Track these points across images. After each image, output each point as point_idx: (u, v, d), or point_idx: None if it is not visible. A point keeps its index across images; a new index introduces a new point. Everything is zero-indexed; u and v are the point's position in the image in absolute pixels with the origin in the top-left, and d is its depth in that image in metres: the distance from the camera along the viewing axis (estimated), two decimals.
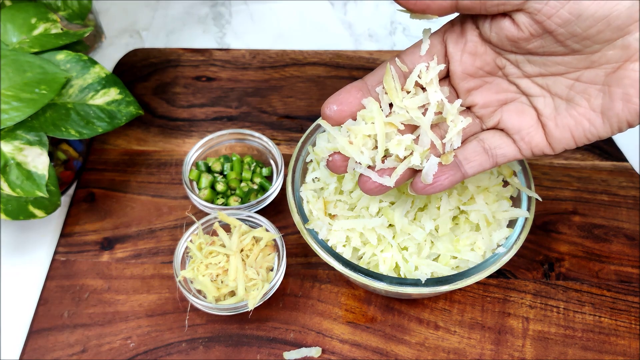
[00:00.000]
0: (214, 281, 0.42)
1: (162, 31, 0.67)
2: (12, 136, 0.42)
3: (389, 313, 0.44)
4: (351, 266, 0.38)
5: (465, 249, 0.39)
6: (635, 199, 0.49)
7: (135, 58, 0.62)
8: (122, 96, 0.48)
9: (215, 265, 0.42)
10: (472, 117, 0.31)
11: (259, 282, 0.41)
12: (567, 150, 0.29)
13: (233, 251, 0.42)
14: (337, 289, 0.45)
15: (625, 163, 0.51)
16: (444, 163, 0.30)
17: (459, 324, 0.43)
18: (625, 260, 0.46)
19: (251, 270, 0.42)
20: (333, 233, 0.40)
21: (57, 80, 0.44)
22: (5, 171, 0.41)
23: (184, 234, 0.44)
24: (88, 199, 0.51)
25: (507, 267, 0.45)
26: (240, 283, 0.41)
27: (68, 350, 0.43)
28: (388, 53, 0.60)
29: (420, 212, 0.40)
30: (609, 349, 0.42)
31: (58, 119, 0.44)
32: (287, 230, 0.48)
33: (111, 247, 0.48)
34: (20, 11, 0.46)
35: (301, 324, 0.44)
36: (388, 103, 0.31)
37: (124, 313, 0.45)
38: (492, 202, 0.39)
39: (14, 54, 0.43)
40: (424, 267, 0.39)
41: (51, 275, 0.47)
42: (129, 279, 0.46)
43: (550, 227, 0.48)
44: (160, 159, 0.54)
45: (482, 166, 0.31)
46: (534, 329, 0.43)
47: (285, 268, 0.43)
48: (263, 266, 0.43)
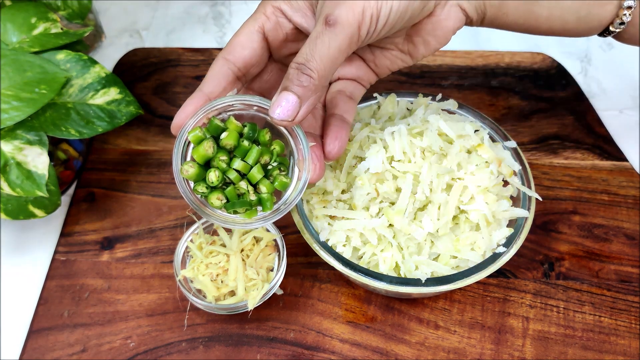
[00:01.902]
0: (214, 281, 0.42)
1: (162, 31, 0.67)
2: (12, 136, 0.42)
3: (389, 313, 0.44)
4: (351, 266, 0.38)
5: (465, 248, 0.39)
6: (635, 199, 0.49)
7: (135, 58, 0.62)
8: (122, 96, 0.48)
9: (215, 265, 0.42)
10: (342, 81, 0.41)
11: (259, 282, 0.41)
12: (392, 73, 0.41)
13: (233, 251, 0.42)
14: (337, 289, 0.45)
15: (625, 163, 0.51)
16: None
17: (459, 323, 0.43)
18: (625, 259, 0.46)
19: (251, 270, 0.42)
20: (333, 233, 0.40)
21: (57, 80, 0.44)
22: (5, 171, 0.41)
23: (185, 234, 0.44)
24: (88, 198, 0.51)
25: (507, 266, 0.45)
26: (240, 283, 0.41)
27: (68, 349, 0.43)
28: None
29: (420, 212, 0.40)
30: (609, 348, 0.42)
31: (58, 118, 0.44)
32: (287, 230, 0.48)
33: (111, 246, 0.48)
34: (20, 11, 0.46)
35: (301, 323, 0.44)
36: None
37: (124, 313, 0.45)
38: (492, 202, 0.39)
39: (14, 53, 0.43)
40: (424, 266, 0.39)
41: (51, 275, 0.47)
42: (129, 279, 0.46)
43: (550, 226, 0.48)
44: (161, 159, 0.54)
45: (352, 107, 0.40)
46: (534, 329, 0.43)
47: (285, 268, 0.43)
48: (263, 266, 0.43)
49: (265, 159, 0.35)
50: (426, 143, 0.40)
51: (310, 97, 0.32)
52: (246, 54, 0.36)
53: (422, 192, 0.39)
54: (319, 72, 0.32)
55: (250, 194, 0.35)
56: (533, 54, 0.60)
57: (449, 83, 0.58)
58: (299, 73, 0.32)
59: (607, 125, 0.54)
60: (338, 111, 0.38)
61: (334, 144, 0.37)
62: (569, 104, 0.56)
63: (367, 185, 0.39)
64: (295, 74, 0.32)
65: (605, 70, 0.60)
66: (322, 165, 0.36)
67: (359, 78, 0.40)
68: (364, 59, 0.40)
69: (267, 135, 0.35)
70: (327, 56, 0.32)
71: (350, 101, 0.39)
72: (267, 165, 0.35)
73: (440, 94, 0.46)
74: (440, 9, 0.37)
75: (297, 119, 0.32)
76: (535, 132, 0.54)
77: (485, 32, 0.64)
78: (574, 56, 0.62)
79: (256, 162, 0.34)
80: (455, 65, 0.59)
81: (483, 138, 0.42)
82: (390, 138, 0.40)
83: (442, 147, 0.40)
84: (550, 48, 0.62)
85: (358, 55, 0.40)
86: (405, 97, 0.46)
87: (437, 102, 0.45)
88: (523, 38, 0.63)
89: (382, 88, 0.47)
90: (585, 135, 0.54)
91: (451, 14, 0.37)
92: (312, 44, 0.32)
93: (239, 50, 0.36)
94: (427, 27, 0.37)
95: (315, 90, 0.32)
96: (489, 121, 0.45)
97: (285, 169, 0.36)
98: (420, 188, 0.39)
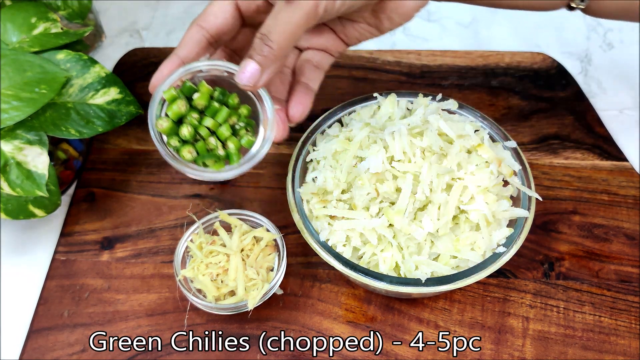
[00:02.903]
0: (214, 281, 0.42)
1: (162, 30, 0.67)
2: (12, 135, 0.42)
3: (389, 312, 0.44)
4: (351, 266, 0.38)
5: (465, 248, 0.39)
6: (635, 199, 0.49)
7: (135, 57, 0.62)
8: (122, 95, 0.48)
9: (215, 264, 0.42)
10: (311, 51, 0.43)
11: (259, 282, 0.41)
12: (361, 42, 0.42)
13: (233, 251, 0.42)
14: (337, 289, 0.45)
15: (625, 163, 0.51)
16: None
17: (459, 323, 0.43)
18: (625, 259, 0.46)
19: (251, 270, 0.42)
20: (333, 233, 0.40)
21: (57, 80, 0.44)
22: (5, 171, 0.41)
23: (185, 234, 0.44)
24: (88, 198, 0.51)
25: (507, 266, 0.45)
26: (240, 283, 0.41)
27: (68, 349, 0.43)
28: (388, 52, 0.60)
29: (420, 212, 0.40)
30: (609, 348, 0.42)
31: (58, 118, 0.44)
32: (287, 230, 0.48)
33: (111, 246, 0.48)
34: (20, 10, 0.46)
35: (301, 323, 0.44)
36: None
37: (124, 312, 0.45)
38: (492, 202, 0.39)
39: (14, 53, 0.43)
40: (424, 266, 0.39)
41: (51, 275, 0.47)
42: (129, 279, 0.46)
43: (550, 226, 0.48)
44: (161, 159, 0.53)
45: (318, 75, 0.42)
46: (534, 329, 0.43)
47: (285, 268, 0.43)
48: (263, 266, 0.43)
49: (234, 119, 0.38)
50: (426, 143, 0.40)
51: (270, 66, 0.35)
52: (218, 23, 0.38)
53: (422, 192, 0.39)
54: (278, 43, 0.34)
55: (219, 149, 0.37)
56: (533, 54, 0.60)
57: (449, 83, 0.58)
58: (261, 43, 0.34)
59: (607, 125, 0.54)
60: (304, 79, 0.41)
61: (297, 108, 0.40)
62: (569, 104, 0.56)
63: (367, 185, 0.39)
64: (259, 44, 0.35)
65: (605, 70, 0.60)
66: (286, 127, 0.39)
67: (327, 48, 0.43)
68: (334, 30, 0.42)
69: (236, 100, 0.38)
70: (286, 30, 0.34)
71: (317, 70, 0.42)
72: (234, 125, 0.38)
73: (440, 94, 0.46)
74: None
75: (259, 84, 0.35)
76: (535, 132, 0.54)
77: (486, 32, 0.64)
78: (574, 56, 0.62)
79: (225, 121, 0.37)
80: (455, 65, 0.59)
81: (483, 138, 0.42)
82: (390, 138, 0.40)
83: (442, 147, 0.40)
84: (551, 48, 0.62)
85: (328, 27, 0.42)
86: (405, 97, 0.46)
87: (437, 102, 0.45)
88: (523, 38, 0.63)
89: (382, 88, 0.47)
90: (585, 135, 0.54)
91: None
92: (274, 17, 0.35)
93: (212, 19, 0.38)
94: (390, 6, 0.39)
95: (275, 60, 0.35)
96: (489, 121, 0.45)
97: (251, 129, 0.39)
98: (420, 188, 0.39)
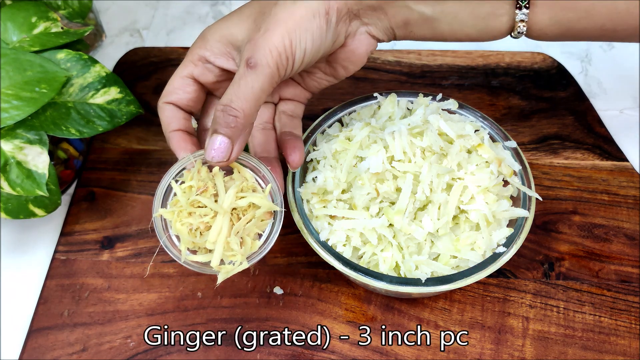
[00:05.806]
0: (191, 232, 0.36)
1: (163, 30, 0.67)
2: (13, 135, 0.42)
3: (389, 312, 0.44)
4: (351, 266, 0.38)
5: (465, 248, 0.39)
6: (635, 199, 0.49)
7: (135, 57, 0.62)
8: (122, 95, 0.48)
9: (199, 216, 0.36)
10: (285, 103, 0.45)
11: (239, 256, 0.36)
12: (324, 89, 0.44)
13: (223, 210, 0.36)
14: (337, 288, 0.45)
15: (625, 163, 0.51)
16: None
17: (459, 323, 0.43)
18: (625, 260, 0.46)
19: (234, 239, 0.36)
20: (333, 233, 0.40)
21: (57, 79, 0.44)
22: (5, 170, 0.41)
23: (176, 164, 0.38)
24: (88, 198, 0.51)
25: (507, 266, 0.45)
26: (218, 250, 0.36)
27: (68, 349, 0.43)
28: (388, 52, 0.60)
29: (420, 212, 0.40)
30: (609, 348, 0.42)
31: (58, 117, 0.44)
32: (287, 230, 0.48)
33: (111, 246, 0.48)
34: (20, 10, 0.46)
35: (301, 323, 0.44)
36: None
37: (124, 312, 0.45)
38: (492, 202, 0.40)
39: (14, 52, 0.43)
40: (424, 266, 0.39)
41: (51, 274, 0.47)
42: (129, 278, 0.46)
43: (550, 226, 0.48)
44: (161, 158, 0.54)
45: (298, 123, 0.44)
46: (534, 329, 0.43)
47: (273, 245, 0.38)
48: (251, 234, 0.37)
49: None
50: (426, 143, 0.40)
51: (239, 136, 0.35)
52: (185, 97, 0.40)
53: (422, 192, 0.39)
54: (244, 110, 0.34)
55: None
56: (533, 54, 0.60)
57: (449, 83, 0.58)
58: (225, 115, 0.34)
59: (608, 125, 0.54)
60: (287, 129, 0.43)
61: (295, 154, 0.40)
62: (570, 104, 0.56)
63: (367, 185, 0.39)
64: (222, 116, 0.34)
65: (606, 70, 0.60)
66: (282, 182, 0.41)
67: (295, 97, 0.44)
68: (296, 81, 0.44)
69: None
70: (251, 95, 0.34)
71: (294, 119, 0.44)
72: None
73: (440, 93, 0.46)
74: (351, 39, 0.40)
75: (231, 157, 0.35)
76: (535, 132, 0.54)
77: None
78: (575, 56, 0.62)
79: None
80: (455, 65, 0.59)
81: (483, 138, 0.42)
82: (390, 138, 0.40)
83: (442, 147, 0.40)
84: (551, 48, 0.62)
85: (291, 79, 0.44)
86: (406, 97, 0.46)
87: (438, 102, 0.45)
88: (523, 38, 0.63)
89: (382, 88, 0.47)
90: (585, 135, 0.54)
91: (362, 41, 0.40)
92: (236, 85, 0.35)
93: (179, 94, 0.40)
94: (342, 56, 0.41)
95: (242, 129, 0.35)
96: (489, 121, 0.45)
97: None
98: (420, 188, 0.39)
